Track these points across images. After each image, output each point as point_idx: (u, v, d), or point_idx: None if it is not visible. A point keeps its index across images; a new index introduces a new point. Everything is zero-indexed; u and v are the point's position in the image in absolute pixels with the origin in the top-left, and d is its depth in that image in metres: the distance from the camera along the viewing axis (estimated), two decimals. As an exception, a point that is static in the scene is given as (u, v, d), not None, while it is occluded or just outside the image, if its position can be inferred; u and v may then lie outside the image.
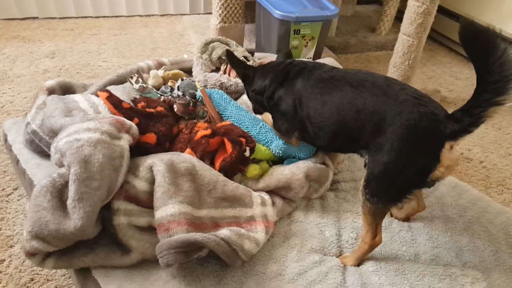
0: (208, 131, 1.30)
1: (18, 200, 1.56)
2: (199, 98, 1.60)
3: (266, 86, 1.40)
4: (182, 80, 1.66)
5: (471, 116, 0.97)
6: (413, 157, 1.06)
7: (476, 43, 0.90)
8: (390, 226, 1.32)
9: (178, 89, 1.62)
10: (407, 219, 1.35)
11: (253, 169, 1.35)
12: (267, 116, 1.49)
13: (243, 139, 1.30)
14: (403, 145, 1.06)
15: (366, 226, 1.15)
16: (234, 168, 1.31)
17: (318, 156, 1.44)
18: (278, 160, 1.44)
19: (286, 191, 1.34)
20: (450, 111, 1.03)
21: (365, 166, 1.16)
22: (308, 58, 2.41)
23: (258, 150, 1.37)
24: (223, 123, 1.38)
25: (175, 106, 1.51)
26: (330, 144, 1.30)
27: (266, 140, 1.41)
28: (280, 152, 1.39)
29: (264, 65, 1.50)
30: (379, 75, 1.20)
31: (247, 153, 1.30)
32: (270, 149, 1.40)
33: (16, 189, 1.60)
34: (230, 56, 1.47)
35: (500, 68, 0.87)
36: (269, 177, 1.35)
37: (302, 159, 1.41)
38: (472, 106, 0.97)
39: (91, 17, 3.19)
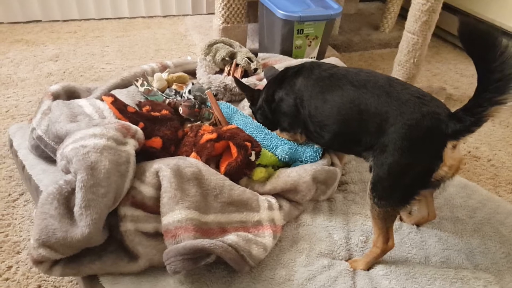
0: (214, 135, 1.29)
1: (24, 205, 1.55)
2: (208, 105, 1.60)
3: (267, 94, 1.44)
4: (193, 84, 1.65)
5: (472, 115, 0.96)
6: (416, 157, 1.05)
7: (476, 41, 0.88)
8: (400, 228, 1.31)
9: (190, 93, 1.61)
10: (416, 225, 1.33)
11: (259, 172, 1.34)
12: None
13: (248, 143, 1.29)
14: (405, 145, 1.05)
15: (377, 230, 1.14)
16: (240, 173, 1.30)
17: (325, 157, 1.43)
18: (284, 166, 1.42)
19: (293, 194, 1.32)
20: (456, 108, 1.01)
21: (370, 170, 1.15)
22: (311, 58, 2.39)
23: (264, 155, 1.36)
24: (229, 126, 1.37)
25: (180, 108, 1.50)
26: (332, 143, 1.31)
27: (271, 146, 1.40)
28: (286, 156, 1.38)
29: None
30: (381, 75, 1.19)
31: (252, 157, 1.29)
32: (275, 154, 1.39)
33: (22, 194, 1.60)
34: (237, 82, 1.57)
35: (501, 67, 0.86)
36: (276, 180, 1.33)
37: (308, 163, 1.39)
38: (474, 105, 0.95)
39: (94, 19, 3.18)
